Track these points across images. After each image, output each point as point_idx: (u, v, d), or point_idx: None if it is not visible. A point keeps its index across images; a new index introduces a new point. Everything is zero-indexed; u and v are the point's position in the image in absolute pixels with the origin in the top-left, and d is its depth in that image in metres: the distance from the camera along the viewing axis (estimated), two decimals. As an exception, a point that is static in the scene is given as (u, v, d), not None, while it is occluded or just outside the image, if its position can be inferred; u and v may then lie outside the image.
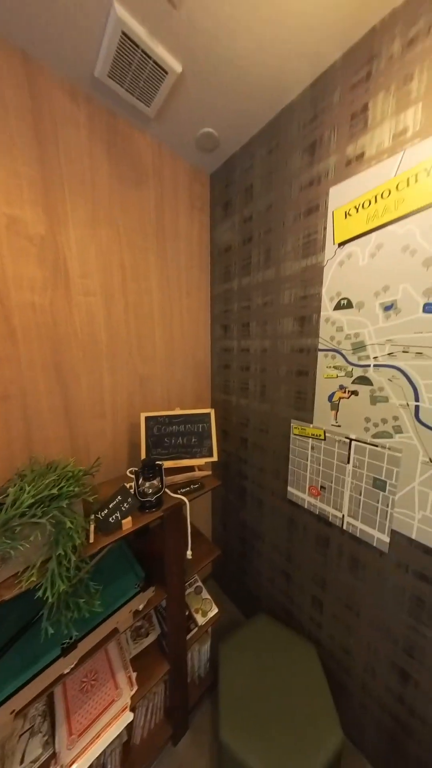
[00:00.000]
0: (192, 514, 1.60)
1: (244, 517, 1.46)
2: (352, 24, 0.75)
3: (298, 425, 1.10)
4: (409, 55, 0.70)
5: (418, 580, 0.81)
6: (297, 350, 1.07)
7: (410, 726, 0.88)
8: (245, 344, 1.30)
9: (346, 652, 1.04)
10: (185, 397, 1.42)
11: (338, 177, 0.87)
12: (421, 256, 0.72)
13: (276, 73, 0.88)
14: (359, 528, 0.94)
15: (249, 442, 1.36)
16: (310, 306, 1.00)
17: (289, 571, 1.23)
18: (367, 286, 0.83)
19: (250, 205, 1.18)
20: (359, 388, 0.89)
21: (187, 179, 1.27)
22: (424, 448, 0.76)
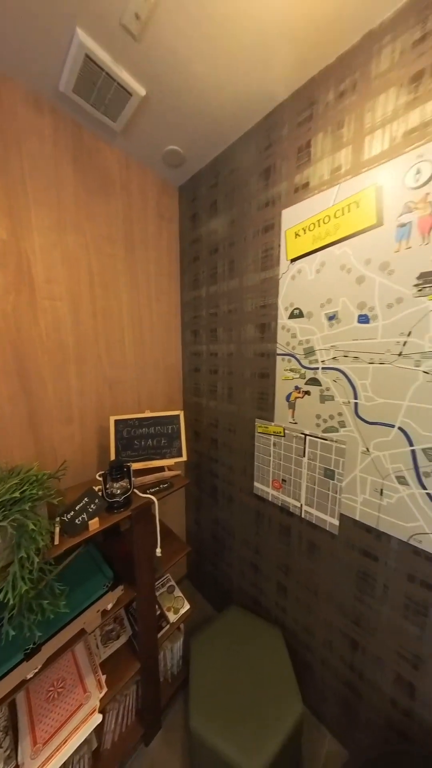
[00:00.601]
0: (166, 515, 1.63)
1: (217, 514, 1.51)
2: (296, 70, 0.86)
3: (261, 424, 1.18)
4: (340, 105, 0.82)
5: (362, 556, 0.92)
6: (259, 354, 1.16)
7: (360, 690, 0.98)
8: (213, 349, 1.37)
9: (307, 631, 1.13)
10: (156, 400, 1.45)
11: (289, 201, 0.98)
12: (354, 275, 0.84)
13: (234, 105, 0.98)
14: (315, 515, 1.04)
15: (219, 442, 1.42)
16: (269, 314, 1.10)
17: (257, 562, 1.31)
18: (315, 298, 0.94)
19: (216, 219, 1.27)
20: (311, 389, 0.99)
21: (156, 191, 1.33)
22: (362, 439, 0.88)
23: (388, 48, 0.72)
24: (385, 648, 0.89)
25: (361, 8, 0.70)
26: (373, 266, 0.80)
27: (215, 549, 1.56)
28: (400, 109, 0.71)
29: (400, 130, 0.72)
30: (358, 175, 0.80)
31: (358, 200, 0.80)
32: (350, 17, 0.72)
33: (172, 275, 1.46)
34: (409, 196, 0.71)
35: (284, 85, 0.91)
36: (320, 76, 0.85)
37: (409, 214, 0.72)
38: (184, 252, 1.46)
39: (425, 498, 0.76)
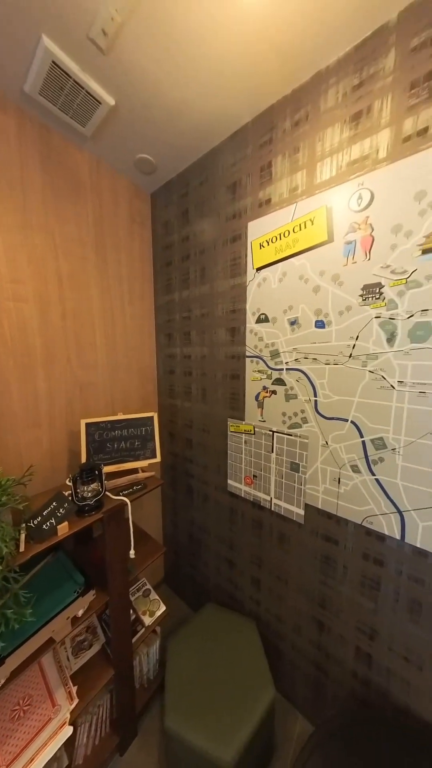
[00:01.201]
0: (142, 518, 1.61)
1: (192, 514, 1.53)
2: (257, 98, 0.94)
3: (233, 423, 1.24)
4: (296, 133, 0.91)
5: (324, 542, 1.00)
6: (230, 357, 1.22)
7: (327, 668, 1.06)
8: (187, 351, 1.41)
9: (279, 619, 1.19)
10: (130, 402, 1.45)
11: (254, 214, 1.06)
12: (311, 284, 0.93)
13: (201, 122, 1.04)
14: (283, 507, 1.11)
15: (194, 442, 1.45)
16: (238, 319, 1.16)
17: (232, 558, 1.35)
18: (278, 304, 1.02)
19: (187, 227, 1.31)
20: (277, 388, 1.06)
21: (128, 196, 1.35)
22: (322, 433, 0.96)
23: (333, 89, 0.82)
24: (347, 625, 0.98)
25: (310, 51, 0.80)
26: (326, 277, 0.89)
27: (192, 549, 1.58)
28: (344, 141, 0.82)
29: (344, 160, 0.82)
30: (312, 195, 0.89)
31: (312, 218, 0.90)
32: (301, 58, 0.81)
33: (145, 279, 1.48)
34: (353, 218, 0.82)
35: (247, 110, 0.98)
36: (278, 105, 0.94)
37: (353, 233, 0.82)
38: (157, 256, 1.49)
39: (374, 483, 0.86)
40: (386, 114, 0.74)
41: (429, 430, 0.75)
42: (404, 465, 0.80)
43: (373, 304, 0.80)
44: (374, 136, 0.76)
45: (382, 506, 0.85)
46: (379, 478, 0.84)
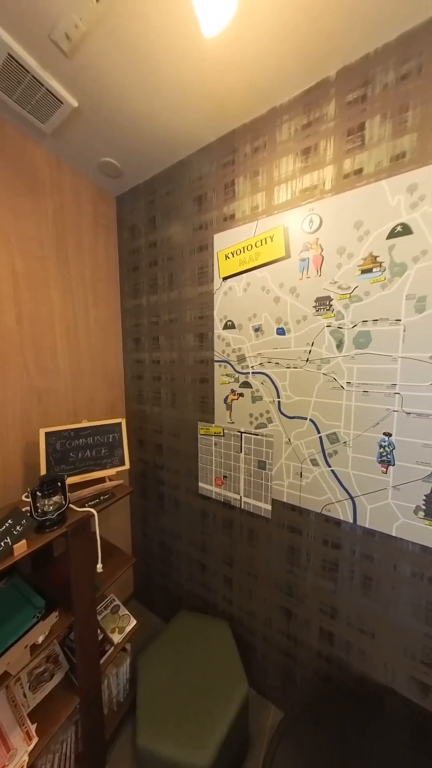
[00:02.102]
0: (110, 531, 1.54)
1: (164, 521, 1.51)
2: (219, 121, 1.01)
3: (203, 426, 1.27)
4: (255, 158, 1.00)
5: (290, 533, 1.08)
6: (199, 361, 1.25)
7: (295, 654, 1.12)
8: (156, 356, 1.41)
9: (250, 614, 1.23)
10: (96, 408, 1.39)
11: (219, 227, 1.12)
12: (272, 295, 1.01)
13: (166, 135, 1.07)
14: (252, 504, 1.16)
15: (164, 448, 1.44)
16: (206, 325, 1.20)
17: (204, 561, 1.36)
18: (243, 312, 1.09)
19: (154, 234, 1.33)
20: (244, 391, 1.13)
21: (91, 197, 1.32)
22: (285, 431, 1.04)
23: (286, 124, 0.93)
24: (311, 609, 1.05)
25: (266, 89, 0.89)
26: (285, 289, 0.98)
27: (163, 557, 1.55)
28: (297, 171, 0.93)
29: (297, 187, 0.93)
30: (271, 215, 0.99)
31: (271, 235, 0.99)
32: (258, 93, 0.90)
33: (111, 282, 1.45)
34: (306, 238, 0.92)
35: (211, 131, 1.05)
36: (240, 130, 1.03)
37: (306, 252, 0.93)
38: (123, 260, 1.47)
39: (331, 474, 0.96)
40: (330, 153, 0.86)
41: (371, 423, 0.87)
42: (354, 456, 0.91)
43: (325, 315, 0.91)
44: (321, 170, 0.88)
45: (338, 494, 0.95)
46: (334, 469, 0.95)
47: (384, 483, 0.86)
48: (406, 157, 0.76)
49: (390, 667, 0.92)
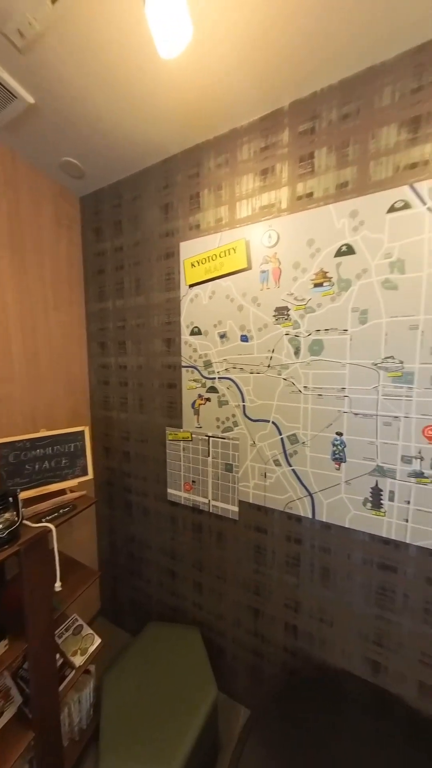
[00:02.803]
0: (72, 544, 1.45)
1: (132, 531, 1.47)
2: (183, 135, 1.05)
3: (171, 431, 1.27)
4: (218, 173, 1.05)
5: (256, 533, 1.12)
6: (166, 366, 1.26)
7: (263, 651, 1.15)
8: (122, 361, 1.38)
9: (220, 617, 1.24)
10: (57, 416, 1.32)
11: (185, 236, 1.15)
12: (236, 303, 1.06)
13: (132, 143, 1.08)
14: (220, 507, 1.18)
15: (131, 455, 1.41)
16: (174, 330, 1.22)
17: (174, 568, 1.35)
18: (209, 319, 1.12)
19: (121, 238, 1.32)
20: (211, 396, 1.15)
21: (51, 195, 1.27)
22: (250, 434, 1.08)
23: (246, 145, 0.99)
24: (277, 605, 1.10)
25: (227, 111, 0.95)
26: (247, 299, 1.04)
27: (132, 568, 1.50)
28: (256, 189, 0.99)
29: (257, 204, 0.99)
30: (234, 228, 1.04)
31: (234, 247, 1.04)
32: (220, 113, 0.96)
33: (74, 284, 1.40)
34: (266, 252, 0.99)
35: (176, 143, 1.08)
36: (204, 145, 1.07)
37: (266, 264, 0.99)
38: (88, 262, 1.43)
39: (292, 474, 1.02)
40: (285, 176, 0.94)
41: (326, 424, 0.94)
42: (311, 455, 0.97)
43: (283, 324, 0.98)
44: (277, 191, 0.95)
45: (298, 492, 1.01)
46: (295, 468, 1.01)
47: (337, 479, 0.94)
48: (348, 186, 0.85)
49: (346, 652, 0.99)
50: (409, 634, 0.88)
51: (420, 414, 0.82)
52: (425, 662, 0.87)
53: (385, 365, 0.85)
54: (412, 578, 0.87)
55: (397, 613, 0.89)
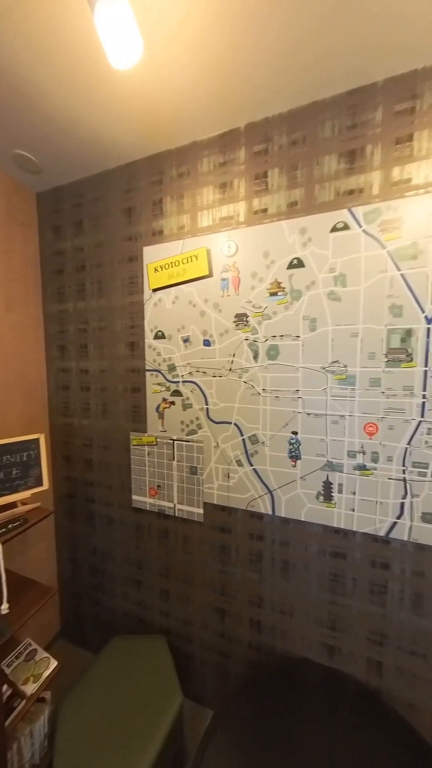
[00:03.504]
0: (27, 563, 1.35)
1: (95, 543, 1.41)
2: (145, 142, 1.07)
3: (136, 436, 1.25)
4: (180, 183, 1.09)
5: (221, 533, 1.14)
6: (130, 370, 1.24)
7: (230, 651, 1.17)
8: (84, 365, 1.34)
9: (187, 623, 1.24)
10: (10, 423, 1.23)
11: (148, 241, 1.16)
12: (198, 309, 1.10)
13: (95, 143, 1.07)
14: (186, 510, 1.19)
15: (94, 462, 1.36)
16: (137, 334, 1.21)
17: (140, 577, 1.32)
18: (173, 323, 1.14)
19: (81, 238, 1.29)
20: (175, 399, 1.17)
21: (4, 189, 1.21)
22: (213, 436, 1.12)
23: (206, 158, 1.04)
24: (242, 603, 1.13)
25: (187, 126, 0.99)
26: (209, 305, 1.08)
27: (95, 583, 1.43)
28: (216, 201, 1.04)
29: (217, 215, 1.04)
30: (195, 236, 1.08)
31: (196, 255, 1.08)
32: (180, 127, 0.99)
33: (29, 284, 1.33)
34: (226, 261, 1.04)
35: (138, 150, 1.10)
36: (166, 154, 1.10)
37: (226, 273, 1.04)
38: (45, 261, 1.37)
39: (253, 473, 1.07)
40: (242, 190, 1.00)
41: (282, 424, 1.01)
42: (270, 454, 1.03)
43: (243, 329, 1.03)
44: (236, 204, 1.01)
45: (259, 490, 1.06)
46: (256, 467, 1.06)
47: (294, 475, 1.01)
48: (298, 206, 0.94)
49: (306, 640, 1.05)
50: (357, 615, 0.97)
51: (361, 412, 0.91)
52: (371, 639, 0.96)
53: (332, 369, 0.94)
54: (358, 563, 0.96)
55: (347, 597, 0.98)
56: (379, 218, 0.85)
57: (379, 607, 0.95)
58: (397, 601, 0.92)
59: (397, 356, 0.87)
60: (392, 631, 0.93)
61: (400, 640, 0.93)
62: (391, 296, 0.86)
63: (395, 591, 0.93)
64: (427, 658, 0.91)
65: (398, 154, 0.83)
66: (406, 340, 0.86)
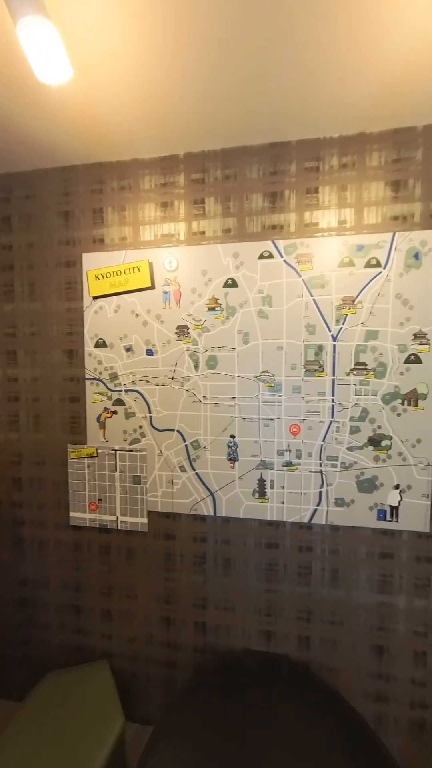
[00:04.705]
0: None
1: (25, 572, 1.47)
2: (88, 149, 1.25)
3: (74, 449, 1.38)
4: (122, 195, 1.29)
5: (165, 540, 1.34)
6: (68, 379, 1.38)
7: (176, 661, 1.37)
8: (12, 373, 1.42)
9: (132, 641, 1.40)
10: None
11: (89, 248, 1.33)
12: (141, 319, 1.31)
13: (24, 140, 1.21)
14: (129, 521, 1.36)
15: (24, 480, 1.44)
16: (77, 341, 1.36)
17: (79, 602, 1.43)
18: (114, 332, 1.33)
19: (10, 235, 1.39)
20: (117, 408, 1.34)
21: None
22: (157, 444, 1.32)
23: (148, 177, 1.27)
24: (186, 607, 1.34)
25: (127, 142, 1.20)
26: (152, 315, 1.30)
27: (24, 619, 1.49)
28: (158, 218, 1.28)
29: (159, 231, 1.28)
30: (138, 249, 1.29)
31: (139, 266, 1.29)
32: (121, 141, 1.20)
33: None
34: (168, 275, 1.28)
35: (77, 155, 1.28)
36: (106, 166, 1.30)
37: (168, 286, 1.28)
38: (-36, 257, 1.43)
39: (195, 477, 1.30)
40: (182, 212, 1.26)
41: (221, 429, 1.27)
42: (211, 457, 1.28)
43: (184, 340, 1.28)
44: (176, 224, 1.26)
45: (201, 493, 1.30)
46: (198, 471, 1.30)
47: (232, 476, 1.27)
48: (231, 232, 1.23)
49: (246, 631, 1.31)
50: (289, 597, 1.27)
51: (287, 415, 1.23)
52: (300, 617, 1.27)
53: (263, 378, 1.24)
54: (288, 550, 1.26)
55: (280, 582, 1.27)
56: (295, 251, 1.19)
57: (306, 586, 1.26)
58: (319, 578, 1.25)
59: (312, 367, 1.21)
60: (316, 606, 1.25)
61: (323, 613, 1.25)
62: (307, 317, 1.20)
63: (318, 570, 1.25)
64: (344, 624, 1.25)
65: (308, 202, 1.18)
66: (319, 353, 1.20)
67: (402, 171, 1.12)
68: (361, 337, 1.17)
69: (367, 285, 1.16)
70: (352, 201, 1.16)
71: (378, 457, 1.19)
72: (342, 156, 1.15)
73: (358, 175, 1.15)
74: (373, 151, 1.14)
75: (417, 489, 1.17)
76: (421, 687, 1.22)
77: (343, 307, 1.18)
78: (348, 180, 1.15)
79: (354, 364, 1.18)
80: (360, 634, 1.24)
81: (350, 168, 1.15)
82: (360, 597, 1.23)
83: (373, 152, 1.14)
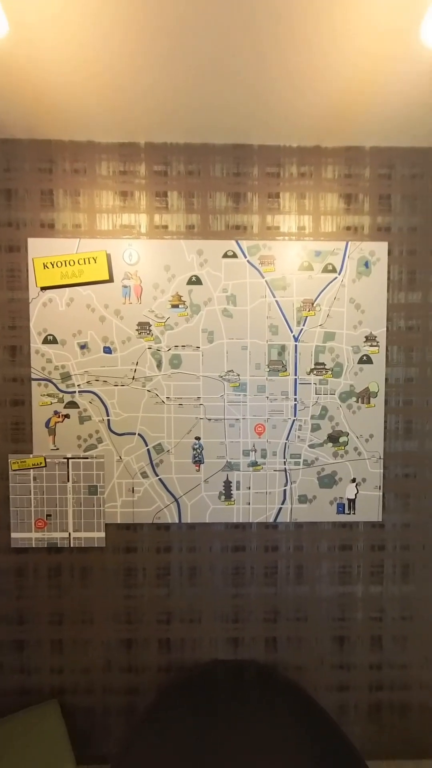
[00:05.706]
0: None
1: None
2: (36, 122, 1.19)
3: (17, 459, 1.29)
4: (75, 179, 1.26)
5: (125, 554, 1.31)
6: (10, 379, 1.28)
7: (138, 685, 1.33)
8: None
9: (86, 671, 1.33)
10: None
11: (36, 232, 1.26)
12: (98, 314, 1.28)
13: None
14: (83, 537, 1.30)
15: None
16: (21, 337, 1.28)
17: (23, 636, 1.32)
18: (67, 327, 1.27)
19: None
20: (70, 412, 1.29)
21: None
22: (116, 449, 1.29)
23: (105, 163, 1.26)
24: (149, 624, 1.32)
25: (84, 120, 1.17)
26: (110, 310, 1.27)
27: None
28: (116, 208, 1.27)
29: (118, 221, 1.27)
30: (94, 238, 1.27)
31: (95, 257, 1.26)
32: (75, 119, 1.17)
33: None
34: (128, 268, 1.27)
35: (21, 128, 1.21)
36: (57, 144, 1.26)
37: (128, 280, 1.27)
38: None
39: (159, 483, 1.30)
40: (144, 204, 1.27)
41: (186, 431, 1.29)
42: (176, 461, 1.30)
43: (146, 338, 1.28)
44: (137, 215, 1.27)
45: (165, 499, 1.30)
46: (162, 477, 1.30)
47: (198, 480, 1.30)
48: (195, 229, 1.28)
49: (213, 641, 1.33)
50: (255, 600, 1.33)
51: (252, 415, 1.30)
52: (267, 619, 1.34)
53: (228, 377, 1.29)
54: (254, 551, 1.33)
55: (247, 586, 1.33)
56: (258, 253, 1.28)
57: (272, 587, 1.33)
58: (285, 576, 1.33)
59: (275, 367, 1.30)
60: (282, 605, 1.33)
61: (288, 611, 1.34)
62: (270, 317, 1.29)
63: (283, 569, 1.33)
64: (308, 620, 1.34)
65: (270, 206, 1.28)
66: (282, 353, 1.30)
67: (353, 186, 1.29)
68: (320, 339, 1.30)
69: (324, 289, 1.29)
70: (310, 209, 1.29)
71: (336, 453, 1.32)
72: (300, 165, 1.28)
73: (315, 185, 1.28)
74: (328, 165, 1.28)
75: (370, 481, 1.33)
76: (378, 670, 1.36)
77: (303, 309, 1.29)
78: (306, 188, 1.28)
79: (314, 364, 1.30)
80: (323, 627, 1.35)
81: (308, 177, 1.28)
82: (323, 591, 1.34)
83: (328, 165, 1.28)
